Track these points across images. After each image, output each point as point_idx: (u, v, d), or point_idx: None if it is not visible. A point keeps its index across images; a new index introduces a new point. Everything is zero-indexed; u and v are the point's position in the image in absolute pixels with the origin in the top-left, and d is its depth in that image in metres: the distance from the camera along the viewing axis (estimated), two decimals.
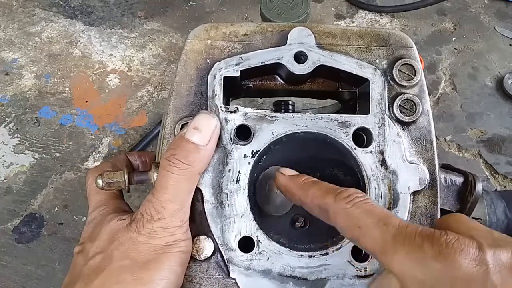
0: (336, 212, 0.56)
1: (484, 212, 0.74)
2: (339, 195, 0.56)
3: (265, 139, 0.68)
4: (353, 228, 0.54)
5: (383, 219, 0.52)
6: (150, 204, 0.62)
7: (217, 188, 0.67)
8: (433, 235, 0.49)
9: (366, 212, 0.53)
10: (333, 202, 0.56)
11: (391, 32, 0.72)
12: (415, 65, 0.70)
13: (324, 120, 0.68)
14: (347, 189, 0.57)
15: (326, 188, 0.59)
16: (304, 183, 0.62)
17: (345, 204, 0.55)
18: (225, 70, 0.69)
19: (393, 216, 0.53)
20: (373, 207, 0.54)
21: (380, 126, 0.68)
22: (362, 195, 0.56)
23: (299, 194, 0.62)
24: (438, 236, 0.48)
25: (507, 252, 0.47)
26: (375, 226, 0.52)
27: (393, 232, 0.50)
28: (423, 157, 0.68)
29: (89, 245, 0.64)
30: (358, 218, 0.53)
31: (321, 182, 0.61)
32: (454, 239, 0.48)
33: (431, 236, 0.49)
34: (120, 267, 0.60)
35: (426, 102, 0.70)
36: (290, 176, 0.65)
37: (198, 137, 0.64)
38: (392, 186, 0.67)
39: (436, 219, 0.60)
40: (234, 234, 0.66)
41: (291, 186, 0.63)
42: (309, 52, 0.70)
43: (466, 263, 0.46)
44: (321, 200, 0.58)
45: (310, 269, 0.66)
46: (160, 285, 0.60)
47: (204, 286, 0.66)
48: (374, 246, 0.52)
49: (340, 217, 0.56)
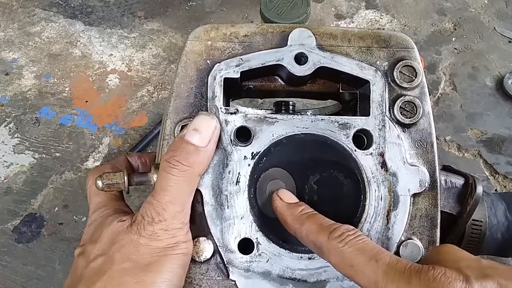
0: (329, 251, 0.58)
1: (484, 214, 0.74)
2: (332, 234, 0.58)
3: (265, 141, 0.68)
4: (346, 266, 0.56)
5: (374, 256, 0.54)
6: (151, 206, 0.62)
7: (217, 190, 0.67)
8: (421, 270, 0.51)
9: (358, 250, 0.55)
10: (326, 241, 0.58)
11: (392, 34, 0.72)
12: (416, 67, 0.69)
13: (324, 122, 0.68)
14: (340, 226, 0.59)
15: (320, 225, 0.60)
16: (299, 215, 0.63)
17: (337, 243, 0.57)
18: (225, 71, 0.69)
19: (384, 252, 0.55)
20: (365, 245, 0.56)
21: (381, 128, 0.68)
22: (354, 232, 0.58)
23: (294, 226, 0.63)
24: (425, 271, 0.50)
25: (493, 282, 0.49)
26: (367, 264, 0.54)
27: (383, 268, 0.52)
28: (423, 159, 0.68)
29: (90, 247, 0.64)
30: (350, 257, 0.55)
31: (316, 216, 0.62)
32: (441, 273, 0.50)
33: (419, 271, 0.51)
34: (121, 270, 0.60)
35: (427, 104, 0.69)
36: (288, 204, 0.65)
37: (198, 138, 0.64)
38: (392, 188, 0.67)
39: (427, 252, 0.63)
40: (233, 236, 0.66)
41: (286, 216, 0.64)
42: (309, 54, 0.70)
43: None
44: (315, 237, 0.60)
45: (310, 271, 0.66)
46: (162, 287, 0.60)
47: None
48: (367, 283, 0.54)
49: (333, 256, 0.57)
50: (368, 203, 0.67)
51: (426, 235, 0.67)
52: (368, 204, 0.67)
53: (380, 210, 0.67)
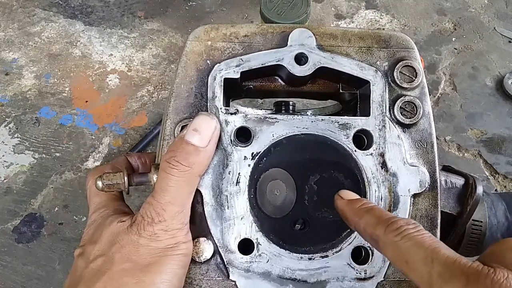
0: (385, 244, 0.55)
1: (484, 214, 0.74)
2: (389, 227, 0.55)
3: (265, 141, 0.67)
4: (401, 262, 0.53)
5: (430, 253, 0.50)
6: (151, 206, 0.62)
7: (217, 190, 0.66)
8: (479, 274, 0.46)
9: (414, 245, 0.52)
10: (383, 234, 0.55)
11: (392, 34, 0.71)
12: (416, 67, 0.69)
13: (324, 122, 0.68)
14: (399, 219, 0.55)
15: (378, 217, 0.57)
16: (359, 209, 0.60)
17: (394, 237, 0.53)
18: (226, 71, 0.69)
19: (441, 250, 0.50)
20: (423, 239, 0.52)
21: (381, 128, 0.68)
22: (414, 225, 0.54)
23: (354, 221, 0.60)
24: (484, 275, 0.46)
25: None
26: (422, 262, 0.50)
27: (438, 269, 0.48)
28: (423, 159, 0.68)
29: (90, 248, 0.64)
30: (406, 252, 0.52)
31: (375, 209, 0.59)
32: (503, 278, 0.45)
33: (477, 274, 0.46)
34: (121, 270, 0.60)
35: (427, 104, 0.69)
36: (347, 201, 0.62)
37: (198, 138, 0.63)
38: (393, 188, 0.67)
39: (490, 247, 0.55)
40: (234, 236, 0.66)
41: (346, 211, 0.62)
42: (309, 54, 0.69)
43: None
44: (372, 230, 0.57)
45: (310, 272, 0.66)
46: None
47: None
48: (421, 282, 0.50)
49: (388, 250, 0.54)
50: None
51: None
52: None
53: None
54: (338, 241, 0.67)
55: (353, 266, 0.66)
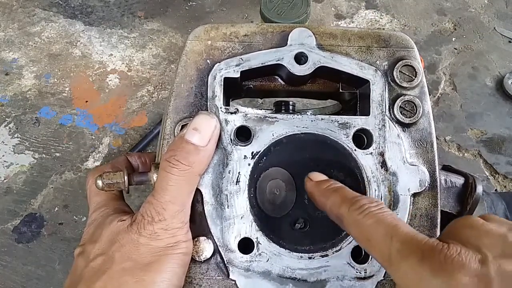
0: (349, 223, 0.56)
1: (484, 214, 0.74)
2: (353, 206, 0.56)
3: (265, 140, 0.68)
4: (363, 240, 0.54)
5: (390, 230, 0.51)
6: (151, 205, 0.62)
7: (217, 189, 0.67)
8: (434, 249, 0.48)
9: (375, 223, 0.53)
10: (347, 212, 0.56)
11: (392, 33, 0.71)
12: (415, 66, 0.69)
13: (324, 121, 0.68)
14: (362, 198, 0.57)
15: (343, 197, 0.58)
16: (326, 189, 0.61)
17: (357, 215, 0.55)
18: (225, 71, 0.69)
19: (401, 227, 0.52)
20: (383, 217, 0.53)
21: (381, 127, 0.68)
22: (376, 203, 0.55)
23: (321, 201, 0.61)
24: (438, 251, 0.47)
25: None
26: (382, 239, 0.51)
27: (397, 246, 0.50)
28: (423, 158, 0.68)
29: (90, 247, 0.64)
30: (367, 230, 0.53)
31: (341, 189, 0.61)
32: (456, 253, 0.47)
33: (432, 250, 0.48)
34: (121, 269, 0.60)
35: (427, 104, 0.69)
36: (316, 182, 0.64)
37: (198, 137, 0.63)
38: (392, 187, 0.67)
39: (451, 223, 0.56)
40: (234, 236, 0.66)
41: (314, 192, 0.63)
42: (309, 53, 0.70)
43: (466, 280, 0.45)
44: (337, 209, 0.58)
45: (310, 271, 0.66)
46: (162, 287, 0.60)
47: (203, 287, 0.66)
48: (382, 259, 0.52)
49: (352, 228, 0.55)
50: None
51: (426, 234, 0.67)
52: None
53: None
54: (338, 240, 0.67)
55: (353, 265, 0.66)
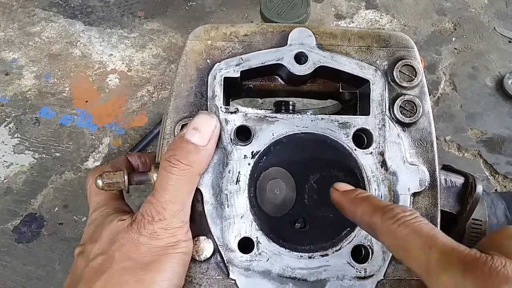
0: (382, 232, 0.54)
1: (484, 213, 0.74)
2: (386, 214, 0.54)
3: (265, 140, 0.68)
4: (399, 249, 0.53)
5: (429, 240, 0.50)
6: (151, 205, 0.62)
7: (217, 189, 0.67)
8: (477, 261, 0.46)
9: (412, 232, 0.51)
10: (380, 221, 0.55)
11: (391, 33, 0.72)
12: (415, 66, 0.69)
13: (324, 121, 0.68)
14: (395, 207, 0.55)
15: (375, 206, 0.57)
16: (354, 198, 0.60)
17: (391, 224, 0.53)
18: (225, 70, 0.69)
19: (440, 237, 0.50)
20: (420, 227, 0.52)
21: (381, 127, 0.68)
22: (410, 212, 0.54)
23: (350, 210, 0.60)
24: (482, 263, 0.46)
25: None
26: (420, 249, 0.50)
27: (437, 256, 0.48)
28: (423, 158, 0.68)
29: (90, 247, 0.64)
30: (404, 240, 0.52)
31: (370, 198, 0.59)
32: (501, 265, 0.45)
33: (475, 262, 0.46)
34: (121, 269, 0.60)
35: (427, 103, 0.69)
36: (343, 192, 0.63)
37: (198, 137, 0.63)
38: (392, 187, 0.67)
39: (490, 234, 0.55)
40: (234, 235, 0.66)
41: (342, 202, 0.62)
42: (309, 53, 0.70)
43: None
44: (369, 218, 0.56)
45: (310, 270, 0.66)
46: (162, 286, 0.60)
47: (203, 287, 0.66)
48: (420, 270, 0.50)
49: (386, 237, 0.54)
50: None
51: None
52: None
53: None
54: (338, 240, 0.67)
55: (353, 264, 0.66)
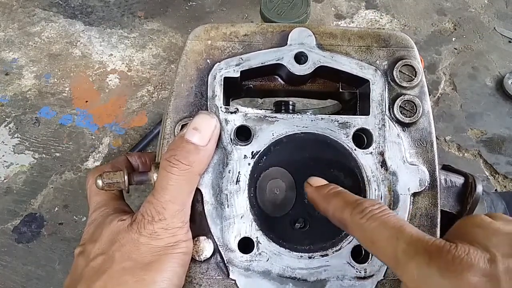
0: (352, 226, 0.56)
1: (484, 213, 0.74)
2: (355, 209, 0.56)
3: (265, 140, 0.67)
4: (368, 242, 0.54)
5: (395, 233, 0.51)
6: (151, 205, 0.62)
7: (217, 189, 0.66)
8: (441, 249, 0.47)
9: (380, 225, 0.53)
10: (349, 216, 0.56)
11: (391, 33, 0.71)
12: (415, 66, 0.69)
13: (324, 121, 0.68)
14: (364, 201, 0.57)
15: (345, 201, 0.58)
16: (327, 194, 0.61)
17: (360, 219, 0.55)
18: (226, 70, 0.69)
19: (406, 229, 0.51)
20: (387, 219, 0.53)
21: (381, 127, 0.68)
22: (379, 206, 0.55)
23: (323, 206, 0.61)
24: (446, 251, 0.47)
25: None
26: (387, 241, 0.51)
27: (403, 247, 0.50)
28: (423, 158, 0.68)
29: (90, 246, 0.64)
30: (372, 233, 0.53)
31: (342, 193, 0.61)
32: (464, 253, 0.46)
33: (439, 250, 0.47)
34: (121, 269, 0.60)
35: (427, 103, 0.69)
36: (316, 187, 0.64)
37: (198, 137, 0.63)
38: (392, 187, 0.67)
39: (457, 222, 0.56)
40: (234, 235, 0.66)
41: (315, 197, 0.63)
42: (309, 53, 0.70)
43: (475, 280, 0.44)
44: (340, 213, 0.58)
45: (310, 270, 0.66)
46: (162, 286, 0.60)
47: (203, 287, 0.66)
48: (388, 260, 0.52)
49: (356, 232, 0.56)
50: None
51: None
52: None
53: None
54: (338, 240, 0.67)
55: (353, 264, 0.66)
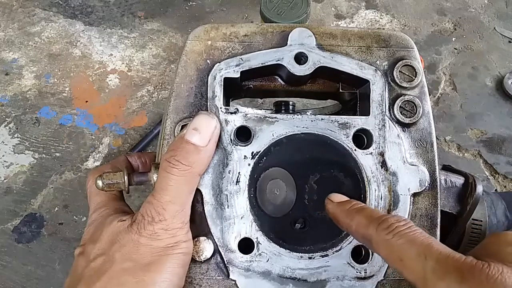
0: (378, 243, 0.55)
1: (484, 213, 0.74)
2: (381, 225, 0.55)
3: (265, 140, 0.67)
4: (395, 260, 0.53)
5: (423, 251, 0.50)
6: (151, 205, 0.62)
7: (217, 189, 0.66)
8: (473, 269, 0.46)
9: (407, 242, 0.52)
10: (375, 233, 0.55)
11: (392, 33, 0.71)
12: (415, 66, 0.69)
13: (324, 121, 0.68)
14: (389, 217, 0.55)
15: (369, 217, 0.57)
16: (350, 210, 0.60)
17: (386, 235, 0.53)
18: (225, 71, 0.69)
19: (435, 246, 0.50)
20: (415, 237, 0.52)
21: (381, 127, 0.68)
22: (405, 222, 0.54)
23: (346, 222, 0.60)
24: (479, 270, 0.46)
25: None
26: (416, 259, 0.50)
27: (432, 265, 0.48)
28: (423, 158, 0.68)
29: (90, 247, 0.64)
30: (399, 250, 0.52)
31: (365, 209, 0.60)
32: (497, 273, 0.45)
33: (471, 270, 0.46)
34: (121, 270, 0.60)
35: (427, 104, 0.69)
36: (338, 203, 0.63)
37: (198, 138, 0.63)
38: (392, 187, 0.67)
39: (486, 239, 0.55)
40: (234, 236, 0.66)
41: (337, 213, 0.62)
42: (309, 53, 0.69)
43: None
44: (364, 230, 0.57)
45: (310, 271, 0.66)
46: (162, 287, 0.60)
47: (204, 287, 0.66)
48: (416, 279, 0.50)
49: (382, 248, 0.54)
50: (368, 202, 0.67)
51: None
52: (368, 203, 0.67)
53: (380, 210, 0.67)
54: (338, 240, 0.67)
55: (353, 265, 0.66)
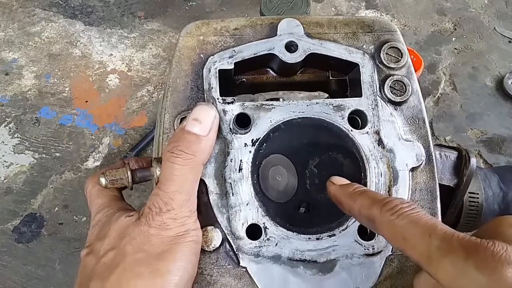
0: (381, 224, 0.55)
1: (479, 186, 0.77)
2: (385, 206, 0.55)
3: (264, 127, 0.68)
4: (398, 239, 0.53)
5: (428, 230, 0.50)
6: (157, 197, 0.61)
7: (221, 178, 0.66)
8: (478, 246, 0.46)
9: (411, 222, 0.52)
10: (379, 213, 0.55)
11: (375, 19, 0.74)
12: (401, 48, 0.72)
13: (319, 105, 0.69)
14: (393, 199, 0.56)
15: (373, 199, 0.58)
16: (352, 193, 0.61)
17: (390, 216, 0.54)
18: (220, 63, 0.70)
19: (439, 226, 0.50)
20: (418, 217, 0.52)
21: (374, 107, 0.69)
22: (408, 204, 0.55)
23: (348, 204, 0.61)
24: (484, 247, 0.46)
25: None
26: (420, 237, 0.51)
27: (437, 243, 0.49)
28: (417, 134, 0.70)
29: (98, 244, 0.64)
30: (403, 230, 0.52)
31: (368, 192, 0.60)
32: (502, 250, 0.46)
33: (476, 246, 0.47)
34: (135, 261, 0.60)
35: (415, 82, 0.72)
36: (340, 186, 0.63)
37: (199, 128, 0.63)
38: (391, 164, 0.68)
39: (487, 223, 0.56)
40: (241, 223, 0.65)
41: (340, 196, 0.62)
42: (299, 41, 0.71)
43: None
44: (367, 211, 0.57)
45: (319, 251, 0.66)
46: (178, 275, 0.59)
47: (215, 277, 0.65)
48: (420, 257, 0.50)
49: (385, 229, 0.55)
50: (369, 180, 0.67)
51: (427, 207, 0.68)
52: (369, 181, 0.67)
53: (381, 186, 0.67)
54: (344, 219, 0.67)
55: (360, 242, 0.66)
